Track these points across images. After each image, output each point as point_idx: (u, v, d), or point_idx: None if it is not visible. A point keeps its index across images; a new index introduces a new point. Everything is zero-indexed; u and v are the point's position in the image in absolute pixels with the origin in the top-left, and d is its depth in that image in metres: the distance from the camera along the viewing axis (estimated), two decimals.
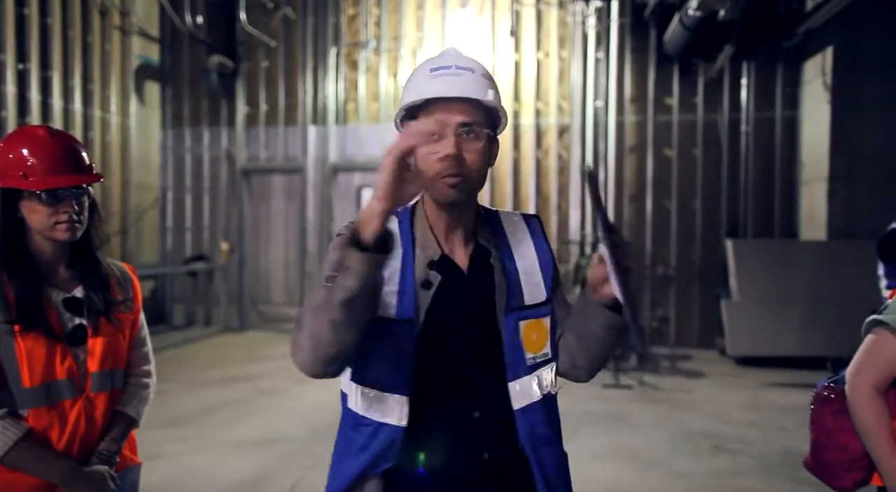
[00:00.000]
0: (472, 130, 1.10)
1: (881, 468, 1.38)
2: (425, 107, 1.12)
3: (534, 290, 1.19)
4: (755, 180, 7.19)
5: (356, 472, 1.12)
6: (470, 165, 1.10)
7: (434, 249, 1.17)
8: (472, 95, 1.10)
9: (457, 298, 1.15)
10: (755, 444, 4.06)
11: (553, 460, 1.19)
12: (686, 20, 6.26)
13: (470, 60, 1.16)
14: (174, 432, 4.19)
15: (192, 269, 8.29)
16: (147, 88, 8.42)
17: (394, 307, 1.11)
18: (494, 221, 1.24)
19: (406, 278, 1.13)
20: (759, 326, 6.12)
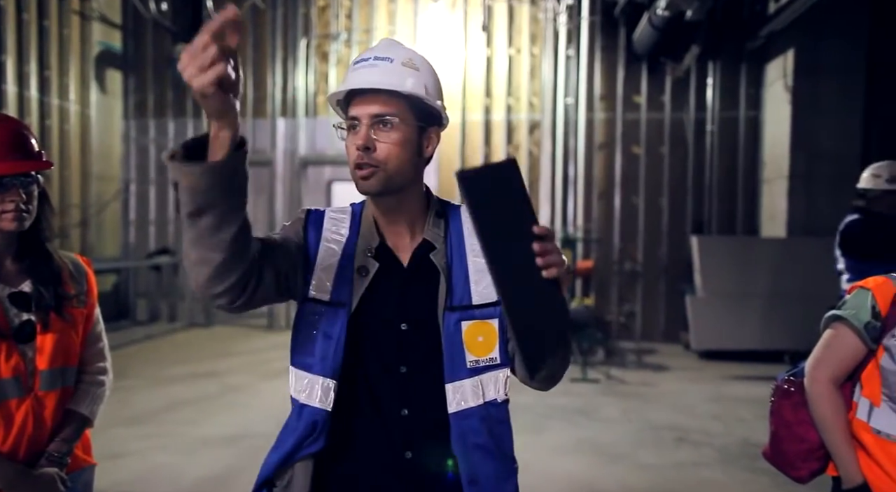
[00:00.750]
0: (384, 121, 1.09)
1: (836, 459, 1.43)
2: (349, 100, 1.12)
3: (484, 290, 1.14)
4: (719, 178, 7.37)
5: (283, 454, 1.13)
6: (381, 156, 1.09)
7: (374, 238, 1.17)
8: (382, 86, 1.08)
9: (391, 289, 1.14)
10: (717, 435, 4.17)
11: (489, 474, 1.13)
12: (654, 20, 6.36)
13: (396, 49, 1.13)
14: (137, 430, 4.10)
15: (156, 263, 8.09)
16: (109, 77, 8.16)
17: (329, 290, 1.13)
18: (451, 216, 1.21)
19: (344, 263, 1.14)
20: (722, 321, 6.29)
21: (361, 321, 1.13)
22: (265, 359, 6.25)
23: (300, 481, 1.13)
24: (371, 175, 1.09)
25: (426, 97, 1.11)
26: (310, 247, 1.17)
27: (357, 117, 1.10)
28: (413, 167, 1.14)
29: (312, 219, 1.20)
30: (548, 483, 3.39)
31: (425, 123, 1.14)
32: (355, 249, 1.16)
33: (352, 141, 1.10)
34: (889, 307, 1.36)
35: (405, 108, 1.10)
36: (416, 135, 1.12)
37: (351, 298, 1.12)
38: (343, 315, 1.12)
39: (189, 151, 0.93)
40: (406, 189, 1.15)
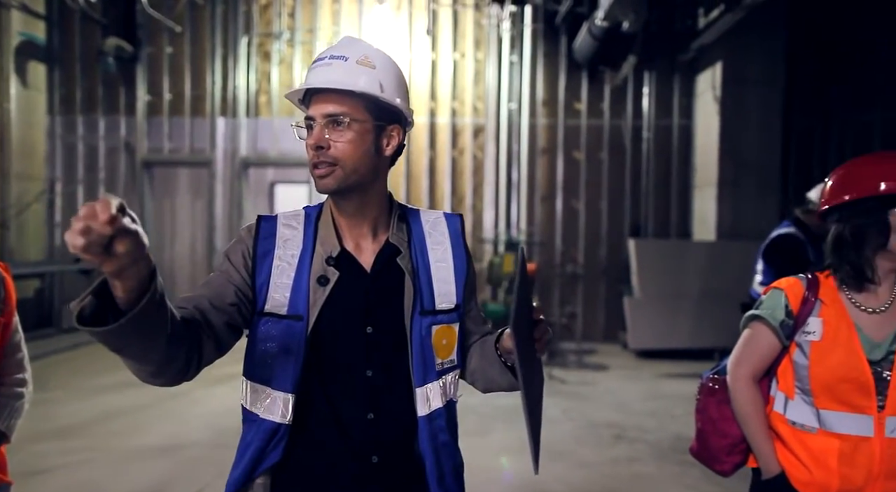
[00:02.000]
0: (336, 121, 1.09)
1: (756, 451, 1.52)
2: (308, 99, 1.14)
3: (445, 294, 1.17)
4: (655, 184, 7.68)
5: (243, 469, 1.10)
6: (337, 155, 1.09)
7: (334, 245, 1.15)
8: (332, 85, 1.09)
9: (355, 296, 1.13)
10: (651, 431, 4.34)
11: (451, 469, 1.18)
12: (594, 30, 6.57)
13: (353, 47, 1.14)
14: (62, 443, 3.87)
15: (85, 267, 7.68)
16: (31, 69, 7.69)
17: (285, 304, 1.10)
18: (412, 220, 1.22)
19: (301, 274, 1.12)
20: (657, 321, 6.55)
21: (323, 330, 1.11)
22: None
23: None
24: (328, 174, 1.09)
25: (380, 95, 1.10)
26: (260, 261, 1.13)
27: (313, 117, 1.11)
28: (371, 166, 1.12)
29: (263, 230, 1.15)
30: (492, 484, 3.44)
31: (383, 121, 1.13)
32: (312, 258, 1.13)
33: (308, 142, 1.11)
34: (800, 306, 1.46)
35: (359, 106, 1.10)
36: (373, 133, 1.12)
37: (308, 311, 1.10)
38: (301, 328, 1.09)
39: (97, 297, 0.84)
40: (367, 189, 1.14)
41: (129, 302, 0.82)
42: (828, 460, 1.41)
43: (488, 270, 7.21)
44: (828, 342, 1.42)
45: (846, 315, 1.43)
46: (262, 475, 1.11)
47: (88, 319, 0.83)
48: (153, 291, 0.84)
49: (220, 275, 1.12)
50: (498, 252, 7.43)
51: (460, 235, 1.24)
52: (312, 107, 1.12)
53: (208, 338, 1.04)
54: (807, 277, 1.50)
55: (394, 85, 1.14)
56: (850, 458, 1.39)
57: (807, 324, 1.45)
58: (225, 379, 5.38)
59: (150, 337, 0.89)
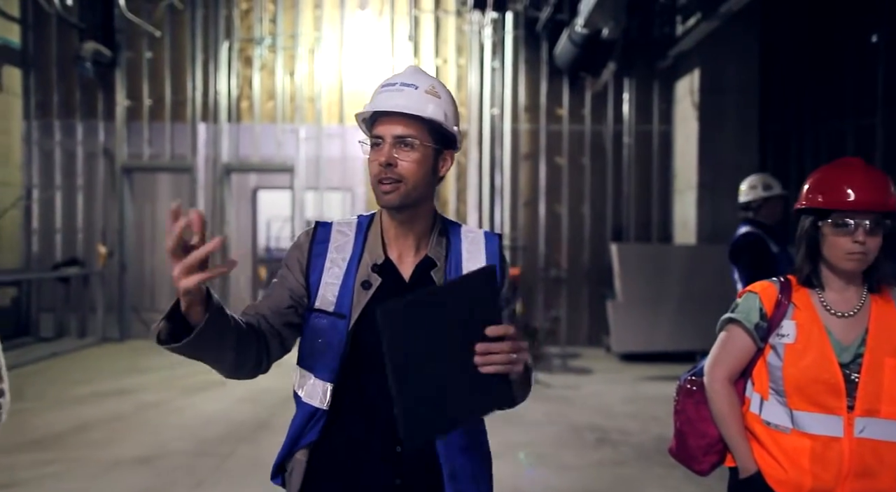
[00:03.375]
0: (405, 142, 1.21)
1: (733, 450, 1.55)
2: (375, 119, 1.25)
3: None
4: (636, 188, 7.76)
5: (288, 443, 1.27)
6: (403, 173, 1.20)
7: (379, 254, 1.27)
8: (405, 110, 1.20)
9: None
10: (634, 434, 4.37)
11: (467, 470, 1.26)
12: (574, 36, 6.65)
13: (420, 77, 1.25)
14: (36, 455, 3.80)
15: (64, 274, 7.56)
16: (6, 74, 7.57)
17: (332, 302, 1.24)
18: (453, 236, 1.32)
19: (348, 276, 1.26)
20: (639, 325, 6.61)
21: (363, 330, 1.21)
22: (184, 374, 5.96)
23: (299, 469, 1.25)
24: (393, 190, 1.20)
25: (444, 123, 1.23)
26: (313, 259, 1.28)
27: (381, 136, 1.22)
28: (428, 185, 1.25)
29: (319, 234, 1.30)
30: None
31: (441, 145, 1.26)
32: (359, 264, 1.26)
33: (374, 157, 1.22)
34: (773, 309, 1.49)
35: (425, 130, 1.22)
36: (433, 156, 1.24)
37: (351, 311, 1.23)
38: (344, 326, 1.22)
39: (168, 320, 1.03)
40: (420, 205, 1.26)
41: (197, 318, 1.00)
42: (801, 460, 1.44)
43: None
44: (801, 345, 1.45)
45: (818, 319, 1.47)
46: (301, 451, 1.25)
47: (166, 338, 1.03)
48: (212, 307, 1.00)
49: (279, 281, 1.28)
50: None
51: (498, 255, 1.32)
52: (381, 127, 1.22)
53: (273, 338, 1.21)
54: (780, 280, 1.53)
55: (453, 114, 1.27)
56: (821, 457, 1.42)
57: (780, 327, 1.48)
58: (205, 387, 5.32)
59: (219, 345, 1.07)
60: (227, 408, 4.77)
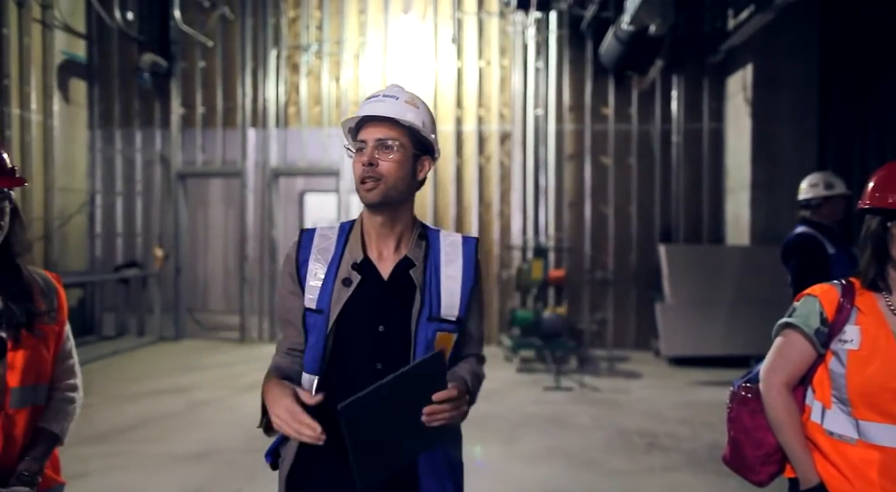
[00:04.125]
0: (386, 144, 1.33)
1: (793, 460, 1.48)
2: (360, 126, 1.37)
3: (450, 305, 1.37)
4: (685, 188, 7.55)
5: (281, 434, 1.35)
6: (383, 171, 1.32)
7: (358, 253, 1.38)
8: (387, 114, 1.32)
9: (372, 298, 1.35)
10: (685, 440, 4.26)
11: (443, 459, 1.35)
12: (620, 34, 6.53)
13: (400, 91, 1.38)
14: (101, 448, 3.99)
15: (124, 276, 7.92)
16: (73, 86, 8.00)
17: (315, 299, 1.35)
18: (432, 239, 1.42)
19: (329, 276, 1.36)
20: (690, 328, 6.43)
21: (344, 324, 1.33)
22: (236, 372, 6.16)
23: (289, 456, 1.37)
24: (374, 187, 1.31)
25: (422, 129, 1.36)
26: (301, 265, 1.39)
27: (365, 140, 1.34)
28: (407, 186, 1.36)
29: (303, 240, 1.42)
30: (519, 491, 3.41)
31: (420, 151, 1.37)
32: (340, 262, 1.36)
33: (358, 160, 1.34)
34: (835, 313, 1.43)
35: (404, 135, 1.34)
36: (412, 160, 1.36)
37: (331, 307, 1.33)
38: (323, 322, 1.33)
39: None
40: (399, 206, 1.36)
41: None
42: (868, 472, 1.37)
43: (517, 276, 7.18)
44: (866, 351, 1.38)
45: (885, 324, 1.39)
46: (293, 440, 1.33)
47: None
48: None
49: (289, 301, 1.40)
50: (526, 259, 7.40)
51: (473, 258, 1.42)
52: (365, 132, 1.35)
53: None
54: (841, 283, 1.46)
55: (430, 124, 1.39)
56: (891, 470, 1.34)
57: (843, 332, 1.41)
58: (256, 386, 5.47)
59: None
60: None
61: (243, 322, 7.96)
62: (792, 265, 3.16)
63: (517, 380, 6.01)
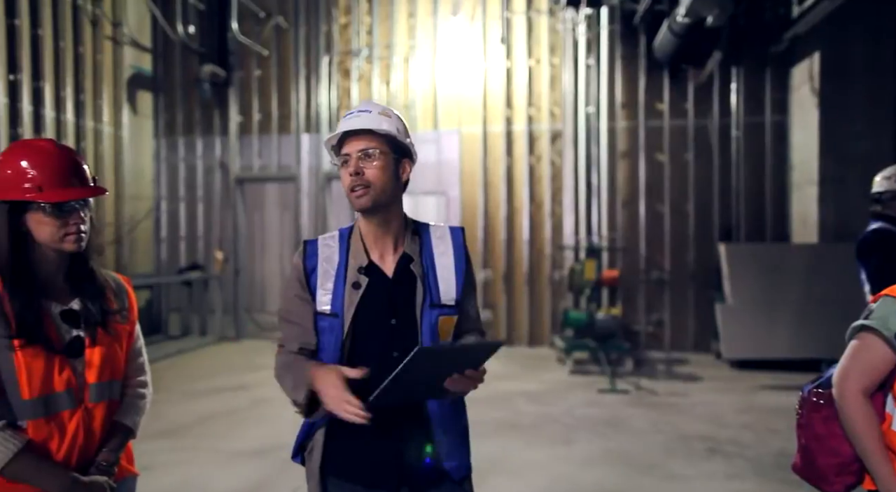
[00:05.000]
0: (367, 153, 1.45)
1: (873, 472, 1.39)
2: (342, 141, 1.50)
3: (448, 291, 1.51)
4: (746, 184, 7.25)
5: (306, 426, 1.55)
6: (370, 178, 1.44)
7: (362, 258, 1.50)
8: (367, 126, 1.45)
9: (381, 296, 1.48)
10: (749, 446, 4.08)
11: (452, 423, 1.52)
12: (675, 27, 6.33)
13: (372, 105, 1.52)
14: (169, 442, 4.18)
15: (187, 278, 8.27)
16: (140, 98, 8.43)
17: (329, 303, 1.48)
18: (423, 233, 1.56)
19: (338, 281, 1.48)
20: (753, 330, 6.16)
21: (359, 323, 1.45)
22: None
23: (318, 446, 1.51)
24: (364, 194, 1.44)
25: (397, 135, 1.48)
26: (310, 273, 1.51)
27: (349, 153, 1.46)
28: (393, 189, 1.48)
29: (309, 250, 1.54)
30: None
31: (399, 155, 1.50)
32: (346, 268, 1.49)
33: (345, 171, 1.47)
34: None
35: (383, 143, 1.47)
36: (393, 164, 1.48)
37: (343, 309, 1.46)
38: (339, 323, 1.46)
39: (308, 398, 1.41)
40: (389, 208, 1.49)
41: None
42: None
43: (569, 277, 7.07)
44: None
45: None
46: (319, 431, 1.50)
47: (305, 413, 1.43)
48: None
49: (297, 306, 1.52)
50: (579, 259, 7.28)
51: (462, 246, 1.57)
52: (347, 146, 1.47)
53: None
54: None
55: (404, 130, 1.51)
56: None
57: None
58: None
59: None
60: None
61: None
62: (871, 263, 2.98)
63: (570, 382, 5.92)
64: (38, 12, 6.60)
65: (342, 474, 1.49)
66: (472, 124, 7.83)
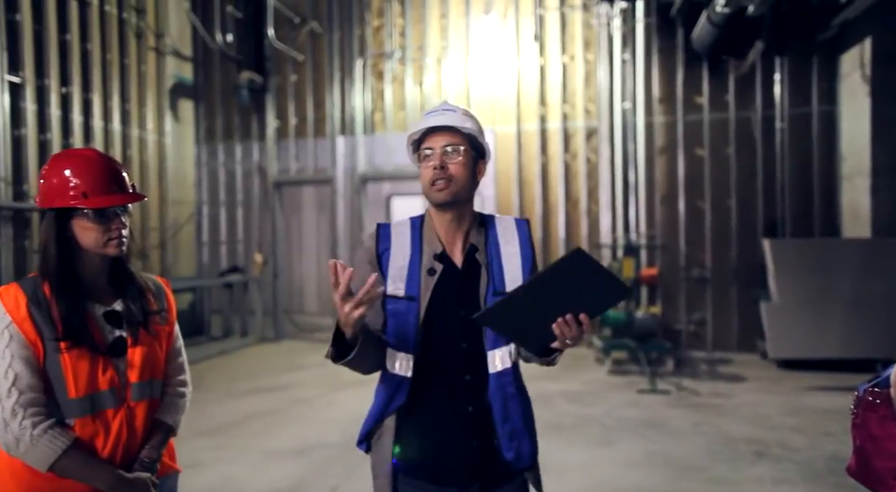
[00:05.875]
0: (452, 149, 1.50)
1: None
2: (423, 138, 1.55)
3: (513, 280, 1.52)
4: (792, 178, 6.99)
5: (376, 412, 1.53)
6: (452, 173, 1.49)
7: (436, 246, 1.54)
8: (452, 123, 1.50)
9: (452, 285, 1.51)
10: (800, 450, 3.93)
11: (518, 414, 1.52)
12: (714, 17, 6.16)
13: (454, 105, 1.58)
14: (211, 441, 4.28)
15: (228, 281, 8.47)
16: (181, 106, 8.68)
17: (403, 288, 1.50)
18: (489, 225, 1.59)
19: (413, 266, 1.51)
20: (801, 328, 5.93)
21: (432, 309, 1.48)
22: (333, 371, 6.38)
23: (388, 432, 1.50)
24: (444, 188, 1.48)
25: (478, 135, 1.54)
26: (382, 256, 1.53)
27: (432, 147, 1.51)
28: (471, 186, 1.53)
29: (381, 234, 1.57)
30: None
31: (477, 154, 1.56)
32: (421, 254, 1.52)
33: (427, 165, 1.51)
34: None
35: (465, 141, 1.52)
36: (472, 162, 1.53)
37: (420, 293, 1.49)
38: (415, 307, 1.48)
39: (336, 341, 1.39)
40: (464, 203, 1.53)
41: (354, 339, 1.36)
42: None
43: None
44: None
45: None
46: (390, 417, 1.50)
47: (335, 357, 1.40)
48: (364, 330, 1.37)
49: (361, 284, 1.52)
50: (616, 257, 7.15)
51: (527, 237, 1.60)
52: (431, 140, 1.52)
53: (382, 334, 1.53)
54: None
55: (481, 132, 1.56)
56: None
57: None
58: (353, 384, 5.66)
59: (371, 353, 1.44)
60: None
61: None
62: None
63: (609, 382, 5.82)
64: (87, 27, 6.87)
65: (411, 468, 1.49)
66: (506, 123, 7.78)
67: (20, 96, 5.99)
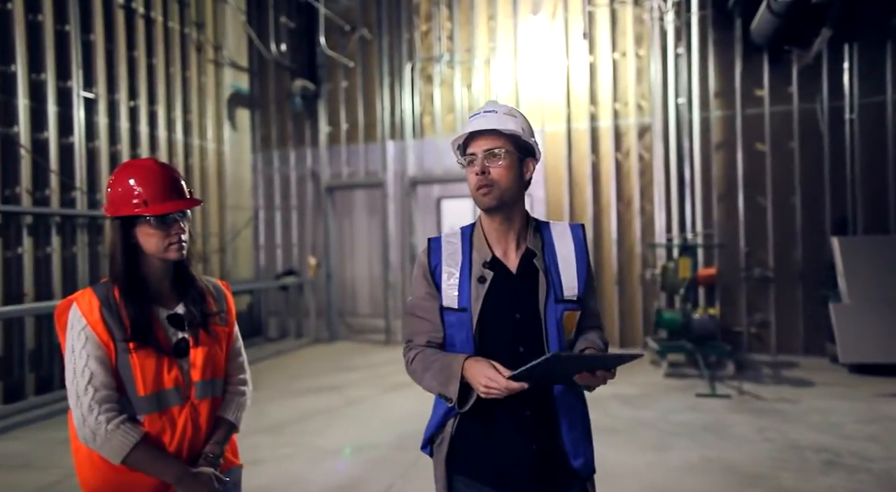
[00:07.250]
0: (493, 153, 1.48)
1: None
2: (468, 141, 1.53)
3: (570, 287, 1.52)
4: (863, 172, 6.61)
5: (439, 417, 1.56)
6: (495, 178, 1.48)
7: (486, 253, 1.53)
8: (490, 126, 1.48)
9: (506, 290, 1.50)
10: (876, 459, 3.70)
11: (579, 418, 1.53)
12: (774, 6, 5.90)
13: (497, 105, 1.54)
14: (271, 438, 4.41)
15: (284, 283, 8.71)
16: (238, 115, 9.00)
17: (455, 299, 1.51)
18: (544, 230, 1.58)
19: (463, 277, 1.52)
20: (875, 331, 5.60)
21: (485, 317, 1.48)
22: (384, 373, 6.49)
23: (449, 437, 1.53)
24: (489, 193, 1.48)
25: (522, 134, 1.50)
26: (435, 270, 1.55)
27: (474, 153, 1.50)
28: (517, 188, 1.51)
29: (433, 247, 1.59)
30: None
31: (524, 154, 1.53)
32: (471, 263, 1.52)
33: (471, 170, 1.50)
34: None
35: (508, 143, 1.49)
36: (518, 163, 1.51)
37: (471, 303, 1.49)
38: (468, 317, 1.49)
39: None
40: (513, 206, 1.51)
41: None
42: None
43: (662, 276, 6.75)
44: None
45: None
46: (450, 422, 1.53)
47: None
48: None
49: (425, 301, 1.56)
50: (672, 257, 6.95)
51: (583, 242, 1.58)
52: (473, 145, 1.50)
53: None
54: None
55: (528, 130, 1.53)
56: None
57: None
58: (402, 386, 5.72)
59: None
60: (422, 406, 5.06)
61: (388, 325, 8.37)
62: None
63: (666, 385, 5.65)
64: (153, 43, 7.23)
65: (470, 471, 1.52)
66: (556, 123, 7.69)
67: (94, 111, 6.37)
